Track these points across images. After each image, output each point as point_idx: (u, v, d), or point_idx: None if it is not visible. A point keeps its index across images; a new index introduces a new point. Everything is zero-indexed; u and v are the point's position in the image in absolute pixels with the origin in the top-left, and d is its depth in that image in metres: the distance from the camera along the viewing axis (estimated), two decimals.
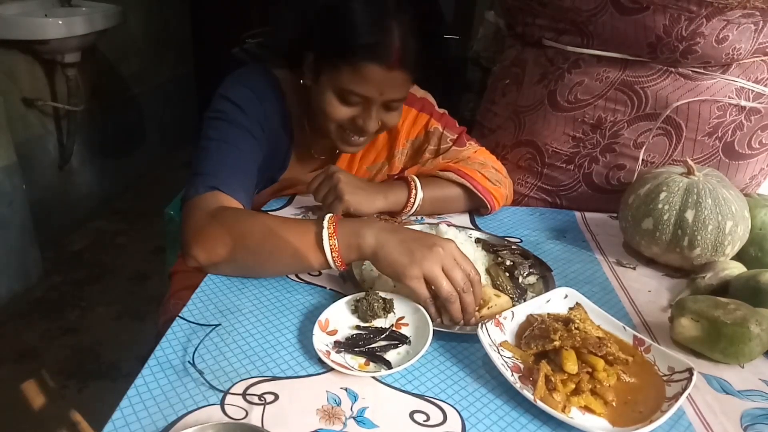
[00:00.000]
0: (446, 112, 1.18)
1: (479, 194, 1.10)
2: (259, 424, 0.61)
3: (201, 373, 0.67)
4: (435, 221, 1.09)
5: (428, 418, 0.64)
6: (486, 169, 1.14)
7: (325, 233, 0.79)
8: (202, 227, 0.84)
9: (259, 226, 0.84)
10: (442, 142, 1.15)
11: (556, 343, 0.70)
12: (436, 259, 0.75)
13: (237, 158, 0.93)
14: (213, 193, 0.87)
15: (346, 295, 0.81)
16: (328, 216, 0.81)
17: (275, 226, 0.83)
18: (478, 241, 0.99)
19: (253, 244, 0.83)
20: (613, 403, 0.66)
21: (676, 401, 0.64)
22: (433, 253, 0.75)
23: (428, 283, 0.75)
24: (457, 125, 1.17)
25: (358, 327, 0.77)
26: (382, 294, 0.79)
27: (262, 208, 1.09)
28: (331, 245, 0.79)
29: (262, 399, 0.64)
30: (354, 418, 0.63)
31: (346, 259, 0.80)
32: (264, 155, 1.01)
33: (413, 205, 1.06)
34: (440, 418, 0.64)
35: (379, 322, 0.77)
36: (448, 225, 0.98)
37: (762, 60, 1.14)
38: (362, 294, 0.78)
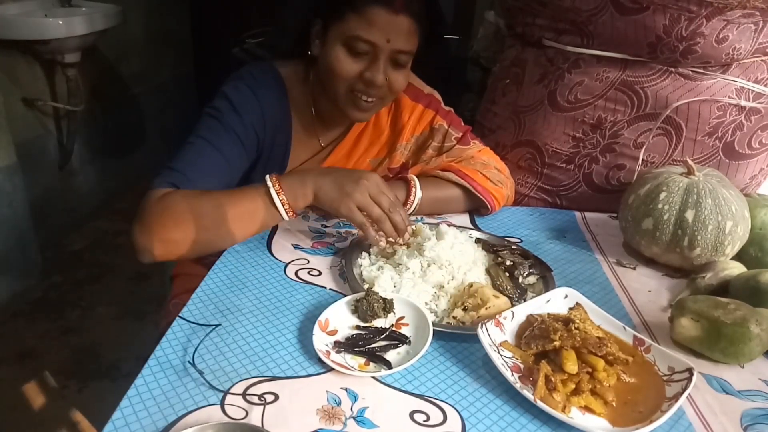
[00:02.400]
0: (452, 110, 1.18)
1: (479, 195, 1.10)
2: (259, 424, 0.61)
3: (201, 373, 0.67)
4: (435, 221, 1.09)
5: (428, 418, 0.64)
6: (488, 169, 1.14)
7: (272, 192, 0.88)
8: (151, 218, 0.87)
9: (210, 202, 0.88)
10: (446, 139, 1.15)
11: (556, 343, 0.70)
12: (363, 190, 0.88)
13: (214, 162, 0.95)
14: (170, 190, 0.89)
15: (346, 295, 0.81)
16: (267, 177, 0.89)
17: (224, 199, 0.88)
18: (478, 241, 0.99)
19: (209, 221, 0.87)
20: (613, 403, 0.66)
21: (676, 401, 0.64)
22: (359, 185, 0.88)
23: (362, 210, 0.88)
24: (463, 124, 1.17)
25: (358, 327, 0.77)
26: (382, 294, 0.79)
27: None
28: (281, 200, 0.88)
29: (262, 399, 0.64)
30: (354, 418, 0.63)
31: (296, 209, 0.90)
32: (259, 157, 1.03)
33: (412, 204, 1.06)
34: (440, 418, 0.64)
35: (379, 322, 0.77)
36: (448, 225, 0.98)
37: (762, 60, 1.14)
38: (362, 294, 0.78)
